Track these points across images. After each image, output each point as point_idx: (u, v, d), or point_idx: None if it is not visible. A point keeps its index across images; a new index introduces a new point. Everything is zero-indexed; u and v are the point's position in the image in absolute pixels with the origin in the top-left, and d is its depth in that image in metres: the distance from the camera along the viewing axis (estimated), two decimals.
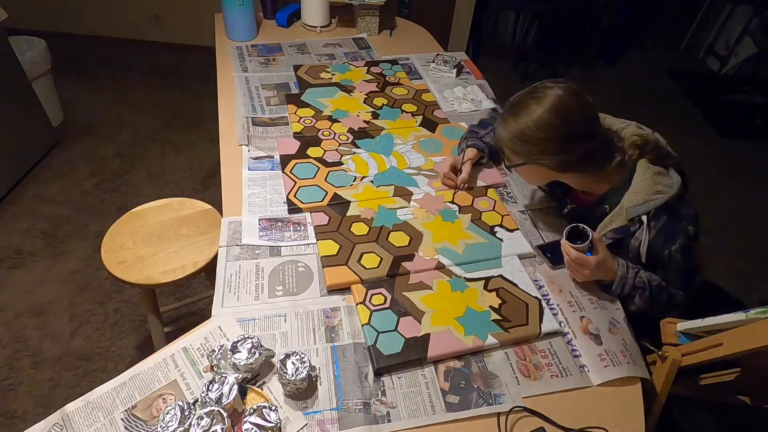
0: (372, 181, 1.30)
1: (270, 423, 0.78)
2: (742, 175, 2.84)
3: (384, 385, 0.89)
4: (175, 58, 3.41)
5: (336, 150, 1.39)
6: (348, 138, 1.44)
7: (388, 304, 1.00)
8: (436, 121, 1.54)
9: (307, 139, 1.42)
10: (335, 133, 1.45)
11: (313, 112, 1.53)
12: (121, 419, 0.82)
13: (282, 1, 2.10)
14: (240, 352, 0.86)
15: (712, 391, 1.12)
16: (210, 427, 0.75)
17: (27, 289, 1.92)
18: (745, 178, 2.82)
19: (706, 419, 1.22)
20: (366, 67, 1.78)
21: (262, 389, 0.87)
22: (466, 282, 1.07)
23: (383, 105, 1.59)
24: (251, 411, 0.80)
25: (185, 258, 1.29)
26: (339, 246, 1.11)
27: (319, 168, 1.32)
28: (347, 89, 1.65)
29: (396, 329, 0.96)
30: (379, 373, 0.90)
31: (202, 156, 2.64)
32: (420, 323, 0.97)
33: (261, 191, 1.25)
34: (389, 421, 0.84)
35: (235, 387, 0.80)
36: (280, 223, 1.17)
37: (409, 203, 1.24)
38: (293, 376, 0.83)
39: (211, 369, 0.87)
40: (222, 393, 0.80)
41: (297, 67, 1.75)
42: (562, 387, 0.91)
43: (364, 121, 1.51)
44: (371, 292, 1.03)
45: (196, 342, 0.94)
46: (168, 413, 0.78)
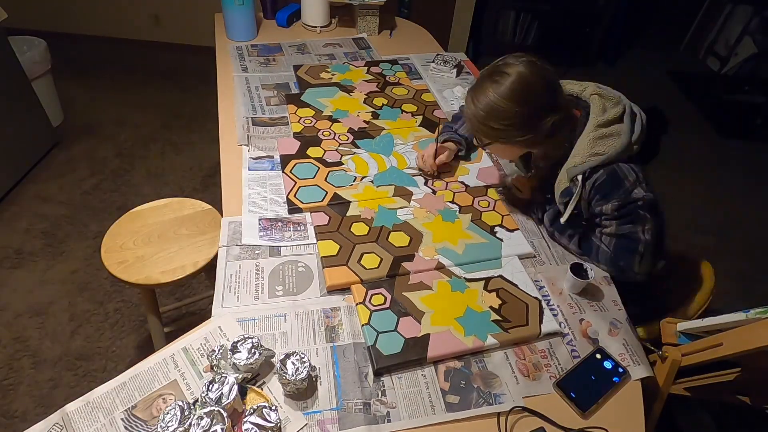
0: (372, 181, 1.30)
1: (270, 423, 0.78)
2: (742, 175, 2.84)
3: (384, 385, 0.89)
4: (175, 58, 3.41)
5: (336, 150, 1.39)
6: (348, 138, 1.44)
7: (388, 305, 1.00)
8: (436, 121, 1.54)
9: (307, 139, 1.42)
10: (335, 133, 1.45)
11: (313, 112, 1.53)
12: (121, 419, 0.83)
13: (282, 1, 2.10)
14: (240, 352, 0.86)
15: (712, 391, 1.12)
16: (210, 427, 0.75)
17: (27, 289, 1.92)
18: (745, 178, 2.82)
19: (706, 419, 1.22)
20: (366, 67, 1.78)
21: (262, 389, 0.87)
22: (466, 282, 1.07)
23: (383, 105, 1.59)
24: (251, 411, 0.80)
25: (185, 258, 1.29)
26: (339, 246, 1.11)
27: (319, 168, 1.32)
28: (347, 89, 1.65)
29: (396, 329, 0.96)
30: (379, 373, 0.90)
31: (202, 156, 2.64)
32: (420, 323, 0.97)
33: (261, 191, 1.25)
34: (389, 421, 0.84)
35: (235, 387, 0.80)
36: (280, 223, 1.17)
37: (409, 203, 1.24)
38: (293, 376, 0.83)
39: (211, 369, 0.87)
40: (222, 393, 0.80)
41: (297, 67, 1.75)
42: None
43: (364, 121, 1.51)
44: (371, 292, 1.03)
45: (196, 342, 0.94)
46: (168, 413, 0.78)
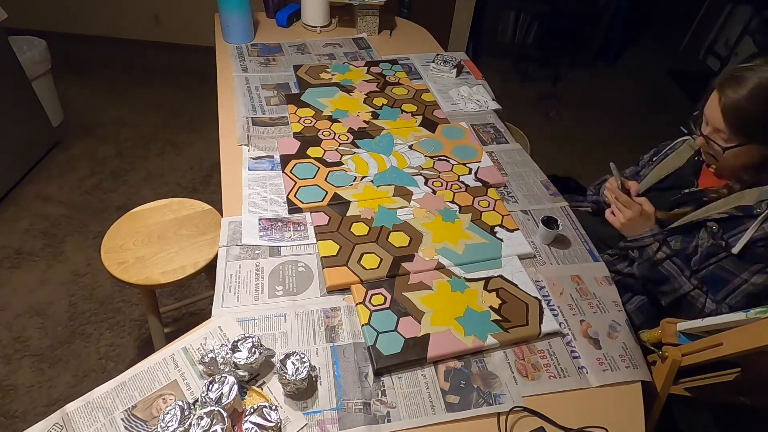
0: (372, 181, 1.30)
1: (270, 423, 0.78)
2: None
3: (384, 385, 0.89)
4: (175, 58, 3.41)
5: (336, 150, 1.39)
6: (348, 138, 1.44)
7: (387, 305, 1.00)
8: (436, 121, 1.54)
9: (307, 139, 1.42)
10: (335, 133, 1.45)
11: (313, 112, 1.53)
12: (121, 419, 0.83)
13: (283, 0, 2.10)
14: (240, 351, 0.86)
15: (712, 391, 1.12)
16: (210, 427, 0.75)
17: (27, 289, 1.92)
18: None
19: (706, 419, 1.21)
20: (366, 67, 1.78)
21: (262, 389, 0.87)
22: (466, 282, 1.07)
23: (383, 105, 1.59)
24: (251, 411, 0.80)
25: (185, 258, 1.29)
26: (339, 246, 1.11)
27: (319, 168, 1.32)
28: (347, 89, 1.65)
29: (396, 329, 0.96)
30: (379, 373, 0.91)
31: (202, 156, 2.64)
32: (420, 323, 0.97)
33: (261, 191, 1.25)
34: (389, 421, 0.84)
35: (235, 387, 0.80)
36: (280, 223, 1.17)
37: (409, 203, 1.24)
38: (293, 376, 0.83)
39: (211, 369, 0.87)
40: (222, 393, 0.80)
41: (297, 67, 1.75)
42: (559, 388, 0.91)
43: (364, 121, 1.51)
44: (371, 292, 1.03)
45: (196, 342, 0.94)
46: (168, 413, 0.78)
